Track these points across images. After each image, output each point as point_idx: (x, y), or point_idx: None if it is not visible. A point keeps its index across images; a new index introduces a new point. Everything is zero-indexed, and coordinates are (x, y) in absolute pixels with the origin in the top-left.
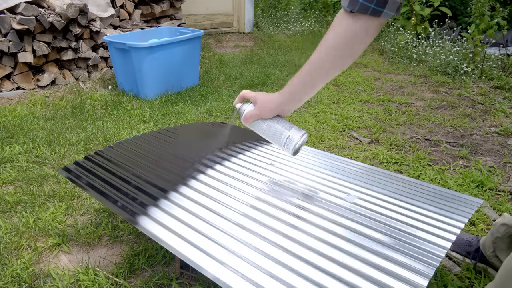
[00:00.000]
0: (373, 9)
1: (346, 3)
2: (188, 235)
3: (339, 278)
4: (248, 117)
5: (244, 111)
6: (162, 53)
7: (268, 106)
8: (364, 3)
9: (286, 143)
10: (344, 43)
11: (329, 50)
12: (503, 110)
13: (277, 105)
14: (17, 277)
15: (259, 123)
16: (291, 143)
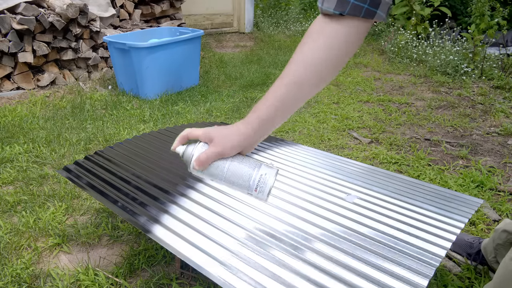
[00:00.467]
0: (367, 10)
1: (331, 5)
2: (188, 235)
3: (339, 278)
4: (203, 159)
5: (193, 153)
6: (162, 53)
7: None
8: (356, 3)
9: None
10: (331, 55)
11: (309, 66)
12: (503, 110)
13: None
14: (17, 277)
15: (218, 165)
16: (265, 185)
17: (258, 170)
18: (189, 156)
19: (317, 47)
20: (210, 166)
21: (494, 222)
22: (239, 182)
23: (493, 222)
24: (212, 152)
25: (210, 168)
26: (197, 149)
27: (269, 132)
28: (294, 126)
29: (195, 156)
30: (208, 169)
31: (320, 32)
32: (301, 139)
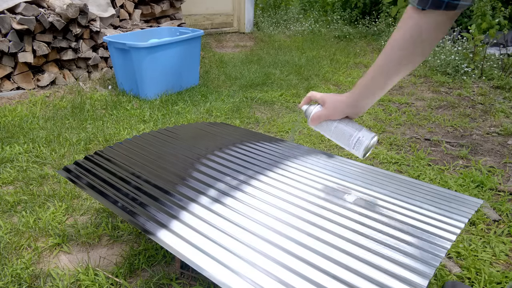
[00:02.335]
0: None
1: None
2: (188, 235)
3: (339, 278)
4: (316, 117)
5: (311, 112)
6: (162, 53)
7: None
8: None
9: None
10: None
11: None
12: (503, 110)
13: (347, 106)
14: (17, 277)
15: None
16: (361, 145)
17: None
18: (309, 114)
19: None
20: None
21: (494, 222)
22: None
23: (493, 222)
24: (322, 114)
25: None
26: (315, 109)
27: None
28: (294, 126)
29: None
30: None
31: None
32: (301, 139)
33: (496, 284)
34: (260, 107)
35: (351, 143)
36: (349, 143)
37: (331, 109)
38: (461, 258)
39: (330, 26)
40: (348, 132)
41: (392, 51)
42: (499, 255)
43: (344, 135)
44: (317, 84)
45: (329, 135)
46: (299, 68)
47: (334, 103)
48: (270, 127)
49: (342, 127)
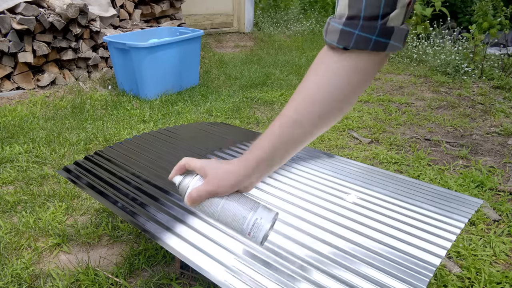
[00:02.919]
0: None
1: (334, 38)
2: (188, 235)
3: (339, 278)
4: (195, 196)
5: (188, 187)
6: (162, 53)
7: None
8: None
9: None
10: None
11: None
12: (503, 110)
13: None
14: (17, 277)
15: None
16: (259, 230)
17: (254, 213)
18: (184, 189)
19: (318, 82)
20: (204, 203)
21: (494, 222)
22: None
23: (493, 222)
24: (204, 191)
25: (203, 205)
26: (192, 182)
27: (269, 172)
28: None
29: (189, 190)
30: (201, 206)
31: (323, 65)
32: None
33: (496, 284)
34: (260, 107)
35: (246, 228)
36: (243, 229)
37: (216, 183)
38: (461, 258)
39: None
40: (240, 213)
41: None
42: (499, 255)
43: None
44: None
45: (214, 218)
46: (299, 68)
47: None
48: None
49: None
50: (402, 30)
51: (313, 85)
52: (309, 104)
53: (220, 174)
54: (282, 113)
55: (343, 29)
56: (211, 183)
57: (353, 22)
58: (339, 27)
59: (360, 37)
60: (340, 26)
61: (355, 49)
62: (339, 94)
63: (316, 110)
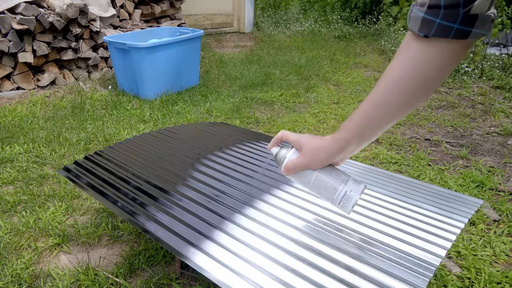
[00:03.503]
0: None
1: (416, 26)
2: (187, 234)
3: (338, 279)
4: (291, 167)
5: (285, 158)
6: (162, 53)
7: (318, 155)
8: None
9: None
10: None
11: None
12: (503, 110)
13: (331, 155)
14: (17, 277)
15: (305, 174)
16: (349, 201)
17: (345, 186)
18: (281, 159)
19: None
20: (298, 173)
21: (494, 222)
22: (324, 193)
23: (493, 222)
24: (299, 163)
25: (298, 175)
26: (288, 154)
27: (359, 149)
28: (294, 126)
29: (285, 161)
30: (296, 175)
31: (406, 51)
32: None
33: (496, 284)
34: (260, 107)
35: (337, 199)
36: (333, 199)
37: (310, 158)
38: (461, 258)
39: (330, 26)
40: (332, 185)
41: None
42: (499, 255)
43: (327, 189)
44: (317, 84)
45: (307, 187)
46: (299, 68)
47: (314, 150)
48: (270, 127)
49: (324, 179)
50: (487, 16)
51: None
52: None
53: (314, 149)
54: (369, 96)
55: (425, 17)
56: (306, 157)
57: (434, 10)
58: (420, 15)
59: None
60: (421, 14)
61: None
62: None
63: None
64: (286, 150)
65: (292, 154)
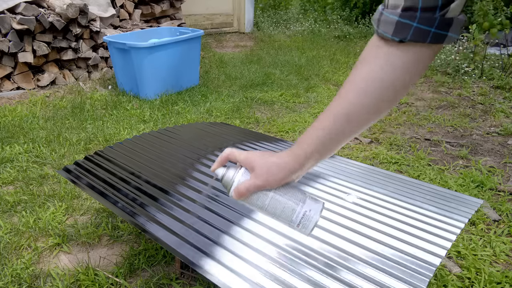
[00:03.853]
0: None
1: (388, 30)
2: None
3: (339, 279)
4: (243, 191)
5: (234, 181)
6: (162, 53)
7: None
8: (420, 27)
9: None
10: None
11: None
12: (503, 110)
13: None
14: (17, 277)
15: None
16: (309, 222)
17: (303, 206)
18: (229, 182)
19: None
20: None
21: (494, 222)
22: (281, 215)
23: (493, 222)
24: (253, 185)
25: (250, 198)
26: (237, 175)
27: (316, 164)
28: (294, 126)
29: (234, 184)
30: (249, 199)
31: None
32: None
33: (496, 284)
34: (260, 107)
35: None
36: (292, 220)
37: (264, 178)
38: (461, 258)
39: (330, 26)
40: (290, 206)
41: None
42: (499, 255)
43: (284, 210)
44: (317, 84)
45: (262, 211)
46: (299, 68)
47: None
48: (270, 127)
49: (281, 200)
50: (459, 20)
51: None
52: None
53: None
54: (330, 107)
55: (400, 21)
56: (260, 177)
57: (410, 13)
58: (394, 18)
59: (418, 29)
60: (395, 18)
61: (411, 42)
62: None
63: (368, 103)
64: (234, 171)
65: (242, 174)
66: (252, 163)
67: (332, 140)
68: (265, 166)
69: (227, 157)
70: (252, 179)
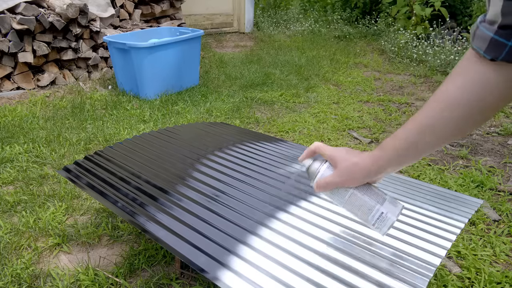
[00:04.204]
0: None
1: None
2: (187, 234)
3: (339, 279)
4: (323, 184)
5: (318, 173)
6: (162, 53)
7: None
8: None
9: (378, 222)
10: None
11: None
12: (503, 110)
13: (367, 174)
14: (17, 277)
15: (339, 191)
16: (384, 223)
17: (380, 206)
18: (313, 173)
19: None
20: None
21: (494, 222)
22: (357, 212)
23: (493, 222)
24: (332, 181)
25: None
26: (322, 169)
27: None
28: (294, 126)
29: (318, 176)
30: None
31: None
32: (301, 139)
33: (496, 284)
34: (260, 107)
35: (371, 219)
36: (368, 219)
37: (344, 175)
38: (461, 258)
39: (330, 26)
40: (367, 205)
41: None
42: (499, 255)
43: (361, 208)
44: (317, 84)
45: (340, 205)
46: (299, 68)
47: (349, 168)
48: (270, 127)
49: (360, 198)
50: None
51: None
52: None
53: (350, 168)
54: (416, 117)
55: (494, 38)
56: (340, 175)
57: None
58: (489, 34)
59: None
60: (490, 34)
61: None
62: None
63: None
64: (319, 164)
65: (325, 169)
66: (336, 160)
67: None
68: (347, 165)
69: (314, 150)
70: (333, 175)
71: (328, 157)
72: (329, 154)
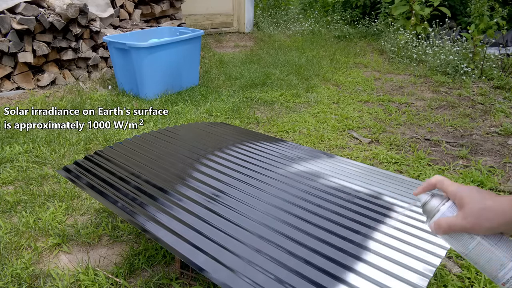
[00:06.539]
0: None
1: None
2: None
3: (339, 278)
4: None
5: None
6: (162, 53)
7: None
8: None
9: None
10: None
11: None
12: (503, 110)
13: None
14: (17, 277)
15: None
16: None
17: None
18: (431, 212)
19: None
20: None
21: None
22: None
23: None
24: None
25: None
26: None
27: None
28: (294, 126)
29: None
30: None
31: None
32: (301, 139)
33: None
34: (260, 107)
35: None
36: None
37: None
38: (461, 258)
39: (330, 26)
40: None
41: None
42: None
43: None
44: (317, 84)
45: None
46: (299, 68)
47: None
48: (270, 127)
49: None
50: None
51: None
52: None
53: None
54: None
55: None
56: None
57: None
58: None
59: None
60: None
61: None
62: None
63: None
64: (439, 201)
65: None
66: (463, 200)
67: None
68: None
69: (434, 184)
70: (459, 217)
71: (452, 195)
72: (453, 191)
